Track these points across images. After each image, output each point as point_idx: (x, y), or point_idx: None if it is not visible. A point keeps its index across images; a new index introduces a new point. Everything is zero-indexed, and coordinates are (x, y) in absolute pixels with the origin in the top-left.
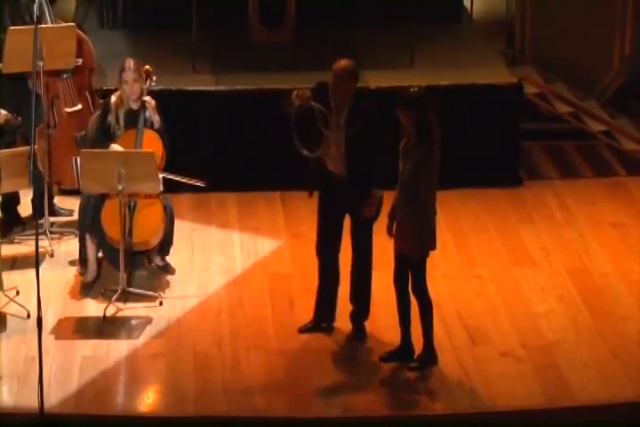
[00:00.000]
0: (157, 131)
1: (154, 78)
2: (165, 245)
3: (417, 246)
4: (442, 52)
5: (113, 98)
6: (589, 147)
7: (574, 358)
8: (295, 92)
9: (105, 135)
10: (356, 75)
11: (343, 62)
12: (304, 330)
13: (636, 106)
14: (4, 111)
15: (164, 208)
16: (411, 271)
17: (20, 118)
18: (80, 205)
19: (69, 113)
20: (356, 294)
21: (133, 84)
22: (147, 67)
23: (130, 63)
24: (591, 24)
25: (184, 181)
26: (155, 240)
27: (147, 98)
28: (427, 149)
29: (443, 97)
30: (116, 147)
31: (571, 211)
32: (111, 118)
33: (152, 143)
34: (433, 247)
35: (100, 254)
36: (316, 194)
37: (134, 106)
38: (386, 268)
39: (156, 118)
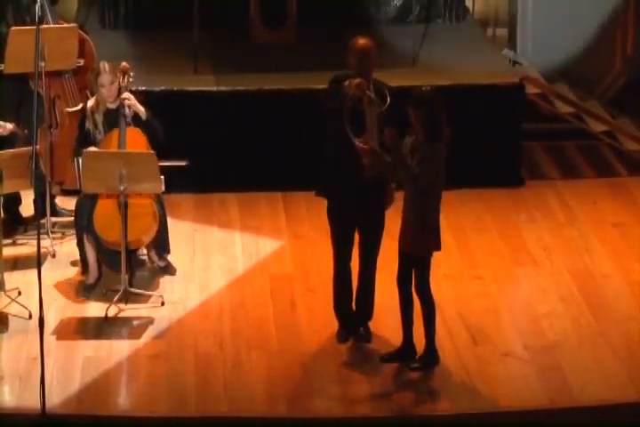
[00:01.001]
0: (146, 122)
1: (131, 74)
2: (162, 243)
3: (421, 245)
4: (443, 53)
5: (89, 103)
6: (591, 147)
7: (576, 359)
8: (348, 82)
9: (85, 141)
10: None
11: (365, 39)
12: (343, 340)
13: (637, 106)
14: (9, 125)
15: (155, 204)
16: (415, 271)
17: (26, 131)
18: (75, 206)
19: (71, 113)
20: (361, 294)
21: (110, 86)
22: (123, 64)
23: (104, 66)
24: (593, 24)
25: (166, 164)
26: (147, 238)
27: (124, 94)
28: (434, 148)
29: (444, 97)
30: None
31: (572, 211)
32: (89, 124)
33: (136, 141)
34: (438, 247)
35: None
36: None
37: (112, 106)
38: (387, 268)
39: (140, 110)
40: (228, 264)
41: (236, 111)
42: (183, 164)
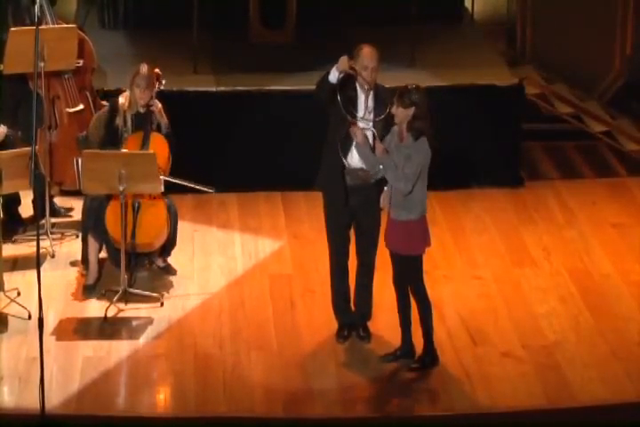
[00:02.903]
0: (166, 135)
1: (163, 82)
2: (168, 246)
3: (408, 244)
4: (443, 53)
5: (121, 99)
6: (590, 147)
7: (575, 359)
8: (335, 66)
9: (113, 137)
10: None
11: (371, 46)
12: (342, 340)
13: (636, 106)
14: (2, 127)
15: (168, 209)
16: (406, 271)
17: (20, 133)
18: (83, 206)
19: (70, 113)
20: (359, 294)
21: (145, 89)
22: (156, 70)
23: (145, 69)
24: (592, 24)
25: (193, 186)
26: (158, 242)
27: (153, 102)
28: (420, 146)
29: (444, 97)
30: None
31: (571, 211)
32: (119, 120)
33: (159, 146)
34: (428, 244)
35: (102, 255)
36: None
37: (142, 109)
38: (386, 268)
39: (165, 122)
40: (227, 264)
41: (235, 111)
42: (211, 191)
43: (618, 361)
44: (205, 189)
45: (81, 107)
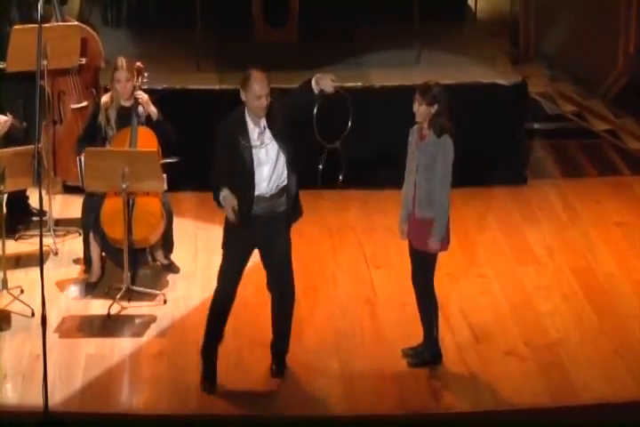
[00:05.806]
0: (158, 122)
1: (145, 75)
2: (167, 242)
3: (426, 240)
4: (446, 51)
5: (104, 98)
6: (593, 146)
7: (578, 357)
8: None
9: (96, 136)
10: None
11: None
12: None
13: None
14: (4, 117)
15: (163, 204)
16: (419, 266)
17: (25, 123)
18: (83, 204)
19: (75, 109)
20: (279, 329)
21: (126, 83)
22: (138, 64)
23: (122, 62)
24: (595, 22)
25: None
26: (154, 237)
27: (138, 93)
28: (443, 143)
29: (447, 96)
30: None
31: (575, 210)
32: (101, 119)
33: (147, 140)
34: (445, 246)
35: (104, 253)
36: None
37: (126, 104)
38: (387, 266)
39: (152, 110)
40: None
41: None
42: (174, 160)
43: (621, 359)
44: (171, 161)
45: (85, 103)
